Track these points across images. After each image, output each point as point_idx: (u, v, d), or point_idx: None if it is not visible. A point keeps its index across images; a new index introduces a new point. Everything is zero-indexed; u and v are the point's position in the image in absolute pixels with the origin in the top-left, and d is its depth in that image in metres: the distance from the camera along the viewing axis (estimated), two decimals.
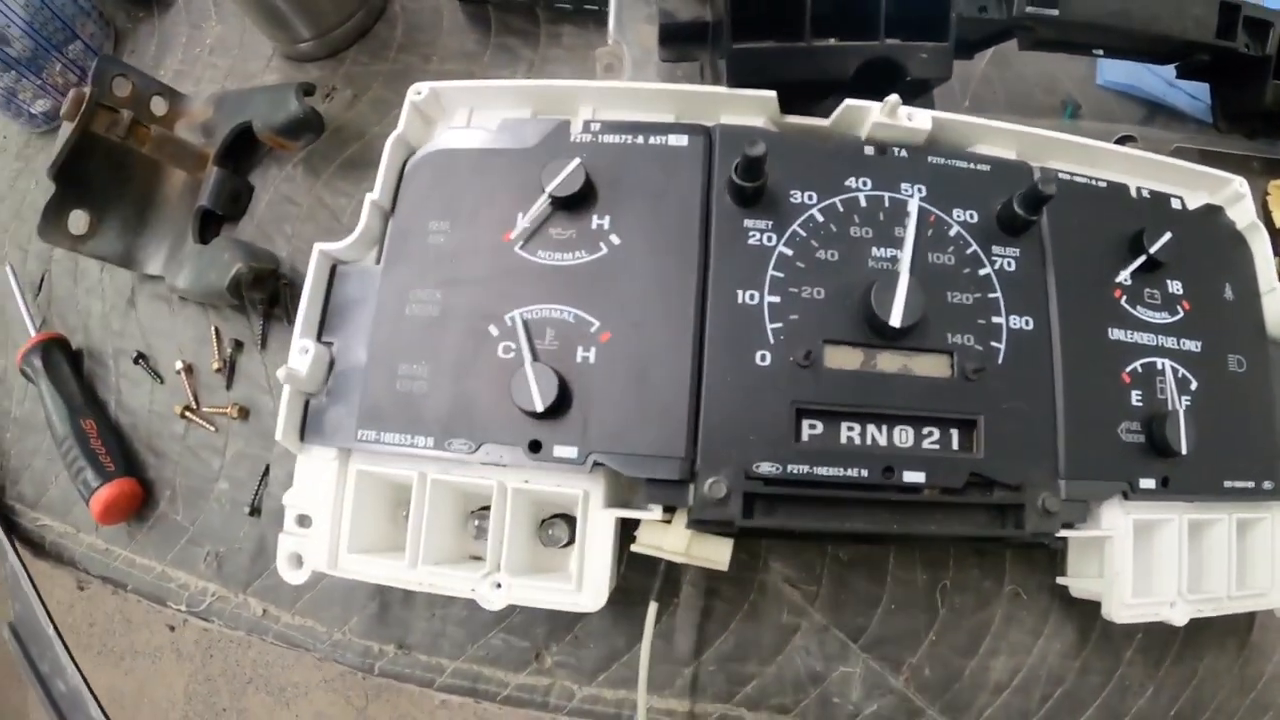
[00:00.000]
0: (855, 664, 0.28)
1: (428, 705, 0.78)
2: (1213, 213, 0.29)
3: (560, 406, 0.23)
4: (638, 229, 0.24)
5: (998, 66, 0.35)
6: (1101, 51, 0.30)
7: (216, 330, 0.30)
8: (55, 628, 0.27)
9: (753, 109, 0.25)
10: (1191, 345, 0.27)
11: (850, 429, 0.23)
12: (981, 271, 0.24)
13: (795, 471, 0.22)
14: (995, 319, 0.24)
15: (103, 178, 0.29)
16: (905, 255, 0.23)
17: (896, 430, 0.23)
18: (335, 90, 0.33)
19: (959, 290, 0.24)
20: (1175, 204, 0.28)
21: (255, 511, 0.28)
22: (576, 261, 0.24)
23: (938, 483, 0.22)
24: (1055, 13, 0.27)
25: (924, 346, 0.23)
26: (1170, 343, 0.26)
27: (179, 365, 0.30)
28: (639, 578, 0.27)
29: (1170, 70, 0.33)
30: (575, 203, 0.24)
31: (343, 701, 0.79)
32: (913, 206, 0.24)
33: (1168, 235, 0.26)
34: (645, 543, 0.24)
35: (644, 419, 0.22)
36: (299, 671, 0.79)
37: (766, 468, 0.22)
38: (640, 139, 0.25)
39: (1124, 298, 0.26)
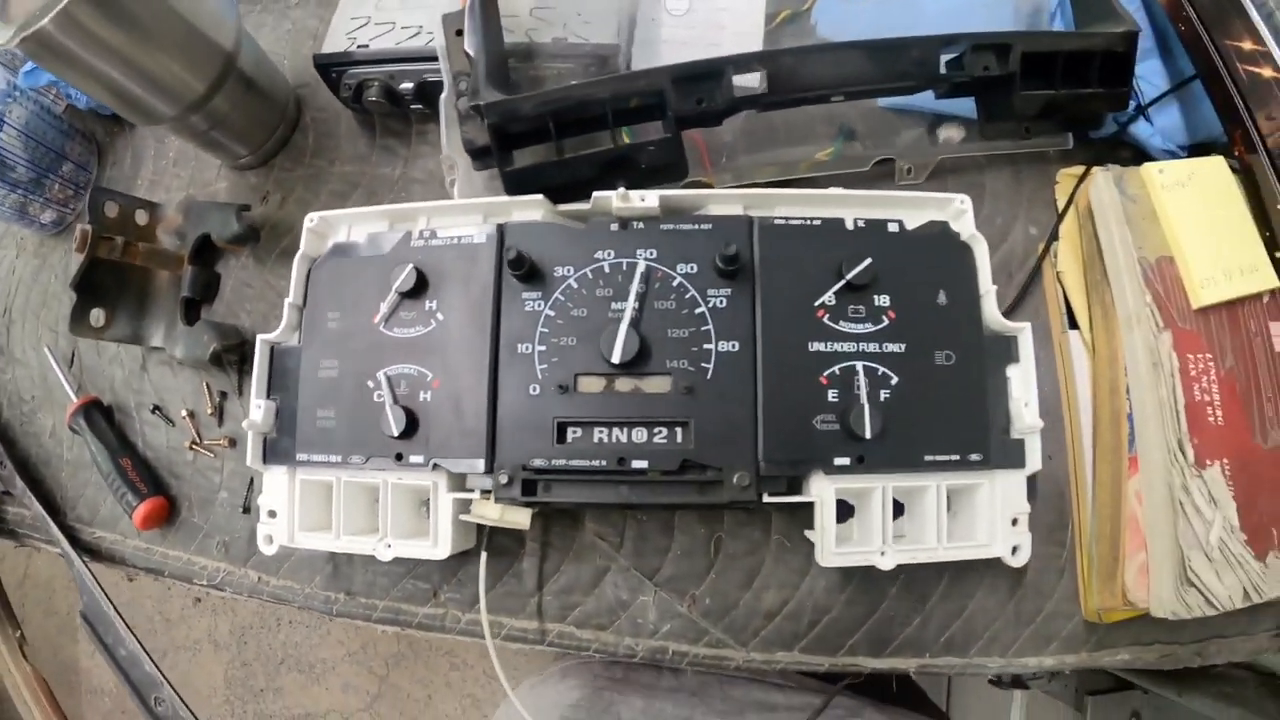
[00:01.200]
0: (650, 595, 0.44)
1: (441, 669, 1.01)
2: (935, 228, 0.41)
3: (410, 430, 0.41)
4: (454, 307, 0.42)
5: (786, 111, 0.48)
6: (842, 98, 0.43)
7: (207, 385, 0.52)
8: (115, 608, 0.50)
9: (532, 208, 0.42)
10: (895, 347, 0.40)
11: (600, 432, 0.39)
12: (698, 310, 0.40)
13: (557, 464, 0.39)
14: (706, 345, 0.39)
15: (110, 283, 0.51)
16: (627, 308, 0.39)
17: (633, 431, 0.39)
18: (269, 194, 0.54)
19: (678, 326, 0.39)
20: (892, 228, 0.41)
21: (247, 510, 0.50)
22: (417, 334, 0.42)
23: (658, 468, 0.38)
24: (765, 89, 0.40)
25: (649, 371, 0.39)
26: (871, 347, 0.40)
27: (184, 412, 0.52)
28: (504, 541, 0.45)
29: None
30: (413, 293, 0.42)
31: (366, 672, 1.05)
32: (638, 268, 0.40)
33: (866, 262, 0.39)
34: (475, 513, 0.41)
35: (462, 435, 0.40)
36: (325, 648, 1.07)
37: (538, 462, 0.39)
38: (455, 240, 0.43)
39: (826, 316, 0.40)
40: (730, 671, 0.49)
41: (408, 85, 0.49)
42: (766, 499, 0.38)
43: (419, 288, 0.42)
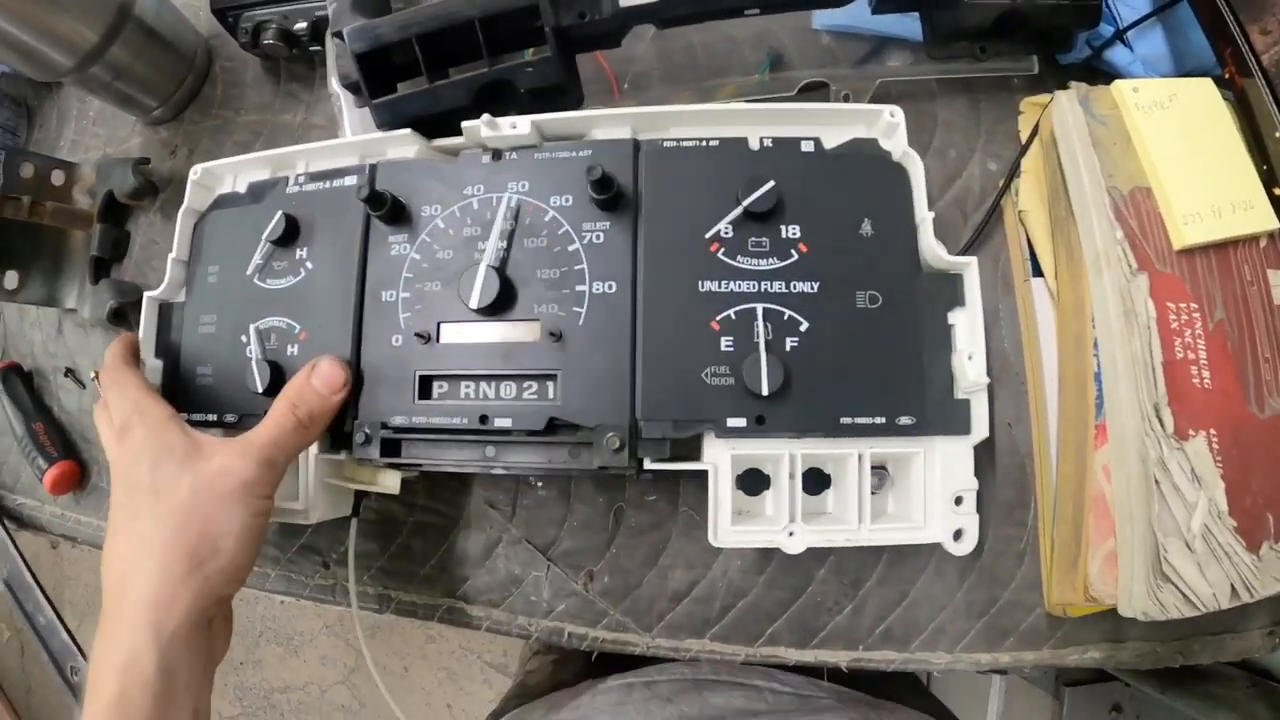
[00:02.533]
0: (544, 570, 0.40)
1: (417, 641, 0.99)
2: (857, 146, 0.35)
3: (275, 386, 0.37)
4: (323, 255, 0.38)
5: (699, 32, 0.42)
6: (757, 10, 0.37)
7: None
8: (34, 577, 0.48)
9: (404, 144, 0.38)
10: (805, 286, 0.33)
11: (468, 387, 0.34)
12: (571, 248, 0.34)
13: (418, 422, 0.34)
14: (579, 287, 0.34)
15: (24, 245, 0.49)
16: (489, 247, 0.34)
17: (502, 385, 0.34)
18: (177, 148, 0.51)
19: (548, 266, 0.34)
20: (806, 147, 0.35)
21: None
22: (287, 284, 0.38)
23: (523, 427, 0.33)
24: (654, 1, 0.35)
25: (518, 317, 0.34)
26: (776, 287, 0.33)
27: (93, 373, 0.49)
28: (392, 507, 0.42)
29: None
30: (283, 241, 0.38)
31: (343, 645, 1.04)
32: (503, 202, 0.34)
33: (768, 185, 0.33)
34: (343, 475, 0.37)
35: None
36: (303, 621, 1.06)
37: (398, 420, 0.34)
38: (327, 184, 0.39)
39: (721, 250, 0.34)
40: (704, 674, 0.44)
41: (302, 25, 0.45)
42: (649, 465, 0.33)
43: (288, 235, 0.38)
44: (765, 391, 0.31)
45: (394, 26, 0.35)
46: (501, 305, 0.34)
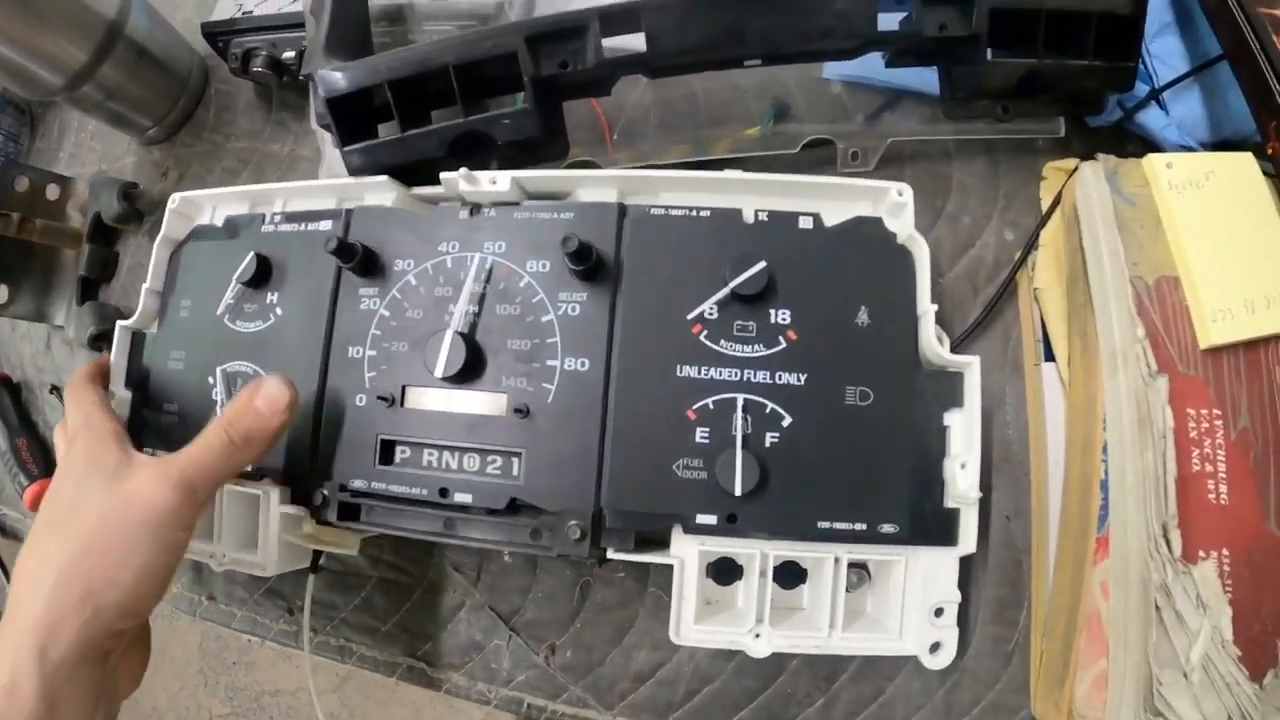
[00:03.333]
0: (505, 639, 0.38)
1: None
2: (861, 226, 0.32)
3: None
4: (293, 301, 0.36)
5: (703, 80, 0.40)
6: (759, 61, 0.34)
7: None
8: None
9: (382, 191, 0.35)
10: (791, 378, 0.31)
11: (430, 455, 0.33)
12: (545, 318, 0.32)
13: (377, 488, 0.32)
14: (550, 362, 0.32)
15: (15, 259, 0.48)
16: (457, 312, 0.32)
17: (465, 458, 0.32)
18: (169, 170, 0.50)
19: (520, 337, 0.32)
20: (805, 223, 0.32)
21: None
22: (255, 329, 0.37)
23: (482, 504, 0.31)
24: (642, 48, 0.32)
25: (484, 388, 0.32)
26: (760, 377, 0.31)
27: (51, 389, 0.49)
28: (356, 561, 0.40)
29: None
30: (255, 283, 0.37)
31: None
32: (475, 263, 0.32)
33: (759, 266, 0.31)
34: (301, 533, 0.36)
35: (289, 445, 0.34)
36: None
37: (357, 483, 0.33)
38: (301, 226, 0.37)
39: (704, 333, 0.31)
40: None
41: (290, 54, 0.43)
42: (612, 554, 0.31)
43: (259, 277, 0.36)
44: (739, 492, 0.29)
45: (366, 71, 0.33)
46: (468, 374, 0.32)
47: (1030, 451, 0.36)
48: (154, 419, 0.39)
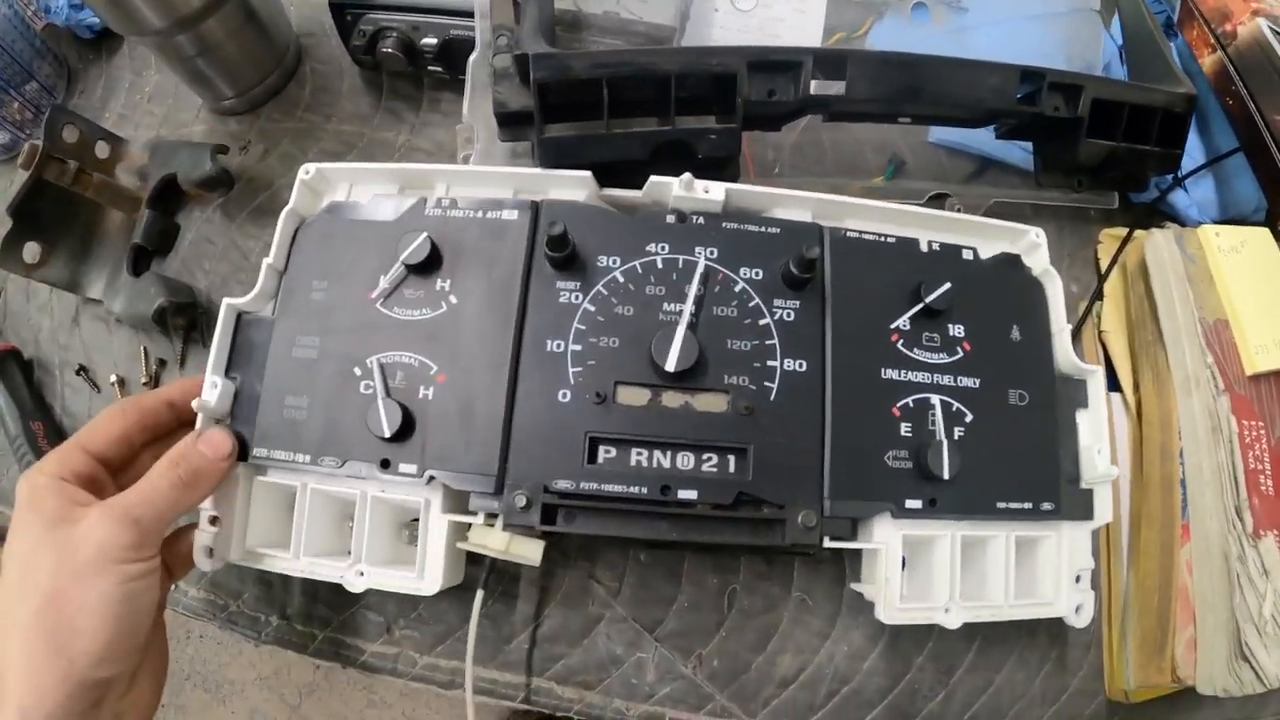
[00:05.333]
0: (650, 651, 0.37)
1: (357, 705, 0.86)
2: (1008, 261, 0.37)
3: (404, 433, 0.32)
4: (471, 290, 0.34)
5: (831, 131, 0.44)
6: (909, 120, 0.39)
7: (145, 350, 0.41)
8: None
9: (575, 186, 0.35)
10: (969, 382, 0.35)
11: (639, 454, 0.32)
12: (762, 321, 0.33)
13: (586, 488, 0.31)
14: (770, 362, 0.33)
15: (53, 215, 0.40)
16: (685, 310, 0.32)
17: (679, 455, 0.32)
18: (250, 144, 0.44)
19: (739, 338, 0.33)
20: (967, 255, 0.37)
21: None
22: (423, 317, 0.34)
23: (709, 500, 0.31)
24: (841, 91, 0.35)
25: (703, 386, 0.32)
26: (946, 380, 0.34)
27: (113, 378, 0.41)
28: (474, 570, 0.36)
29: None
30: (423, 268, 0.34)
31: (277, 699, 0.89)
32: (699, 267, 0.33)
33: (945, 286, 0.34)
34: (473, 541, 0.33)
35: (468, 443, 0.32)
36: (235, 669, 0.90)
37: (563, 484, 0.31)
38: (480, 214, 0.35)
39: (900, 341, 0.34)
40: None
41: (430, 40, 0.41)
42: (828, 544, 0.32)
43: (430, 262, 0.34)
44: (947, 475, 0.32)
45: (587, 63, 0.33)
46: (692, 372, 0.32)
47: None
48: (272, 414, 0.33)
